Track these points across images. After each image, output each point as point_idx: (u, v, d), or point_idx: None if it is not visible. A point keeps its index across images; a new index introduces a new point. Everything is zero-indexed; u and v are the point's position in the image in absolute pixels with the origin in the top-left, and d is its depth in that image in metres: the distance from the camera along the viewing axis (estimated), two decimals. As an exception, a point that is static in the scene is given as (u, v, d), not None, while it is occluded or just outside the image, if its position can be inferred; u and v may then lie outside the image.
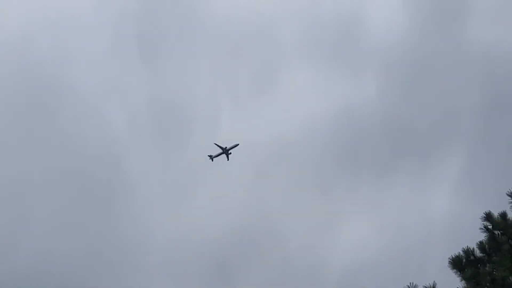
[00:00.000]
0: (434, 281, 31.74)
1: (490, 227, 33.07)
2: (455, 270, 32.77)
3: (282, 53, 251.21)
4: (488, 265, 32.34)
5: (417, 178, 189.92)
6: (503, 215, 33.17)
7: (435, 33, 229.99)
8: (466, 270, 32.35)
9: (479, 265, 32.50)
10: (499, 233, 32.96)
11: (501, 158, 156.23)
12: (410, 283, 32.12)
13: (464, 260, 32.75)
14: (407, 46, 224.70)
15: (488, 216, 33.31)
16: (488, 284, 31.57)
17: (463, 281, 32.31)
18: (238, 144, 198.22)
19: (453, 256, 32.95)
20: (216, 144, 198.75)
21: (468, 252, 32.90)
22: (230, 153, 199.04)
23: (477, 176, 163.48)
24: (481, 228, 33.07)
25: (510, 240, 32.47)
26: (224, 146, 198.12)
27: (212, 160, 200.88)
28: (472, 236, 32.84)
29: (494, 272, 31.82)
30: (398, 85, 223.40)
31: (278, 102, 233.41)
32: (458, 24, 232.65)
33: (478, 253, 32.80)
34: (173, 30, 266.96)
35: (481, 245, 32.86)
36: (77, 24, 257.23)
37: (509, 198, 33.02)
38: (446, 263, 32.84)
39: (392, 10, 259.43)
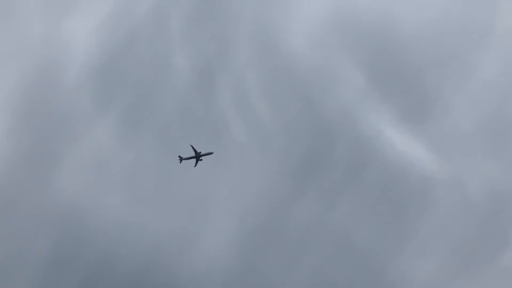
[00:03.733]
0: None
1: None
2: None
3: None
4: None
5: None
6: None
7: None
8: None
9: None
10: None
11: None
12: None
13: None
14: None
15: None
16: None
17: None
18: (212, 153, 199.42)
19: None
20: (192, 146, 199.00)
21: None
22: (201, 160, 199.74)
23: None
24: None
25: None
26: (198, 151, 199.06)
27: (180, 162, 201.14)
28: None
29: None
30: None
31: None
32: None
33: None
34: None
35: None
36: None
37: None
38: None
39: None
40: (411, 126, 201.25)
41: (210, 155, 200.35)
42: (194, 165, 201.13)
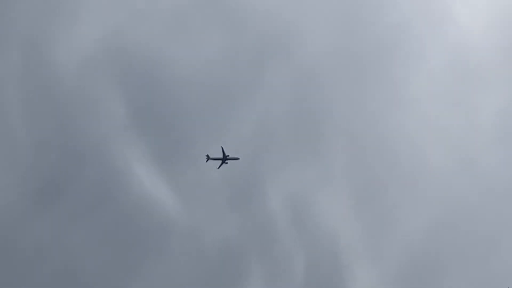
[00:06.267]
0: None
1: None
2: None
3: None
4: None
5: None
6: None
7: None
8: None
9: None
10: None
11: None
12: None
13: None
14: None
15: None
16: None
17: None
18: (238, 158, 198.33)
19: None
20: (222, 148, 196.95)
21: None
22: (227, 163, 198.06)
23: None
24: None
25: None
26: (227, 154, 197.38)
27: (207, 161, 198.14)
28: None
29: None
30: None
31: None
32: None
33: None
34: None
35: None
36: None
37: None
38: None
39: None
40: (162, 168, 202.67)
41: (236, 160, 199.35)
42: (218, 166, 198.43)
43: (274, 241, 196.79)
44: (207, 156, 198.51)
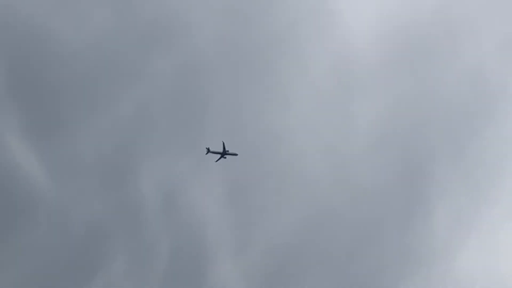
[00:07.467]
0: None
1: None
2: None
3: None
4: None
5: None
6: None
7: None
8: None
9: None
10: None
11: None
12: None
13: None
14: None
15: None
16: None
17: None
18: (237, 154, 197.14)
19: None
20: (223, 142, 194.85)
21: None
22: (225, 157, 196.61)
23: None
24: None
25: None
26: (226, 149, 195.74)
27: (206, 153, 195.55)
28: None
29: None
30: None
31: None
32: None
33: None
34: None
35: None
36: None
37: None
38: None
39: None
40: (36, 141, 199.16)
41: (234, 156, 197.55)
42: (217, 160, 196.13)
43: (142, 225, 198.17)
44: (207, 149, 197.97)
